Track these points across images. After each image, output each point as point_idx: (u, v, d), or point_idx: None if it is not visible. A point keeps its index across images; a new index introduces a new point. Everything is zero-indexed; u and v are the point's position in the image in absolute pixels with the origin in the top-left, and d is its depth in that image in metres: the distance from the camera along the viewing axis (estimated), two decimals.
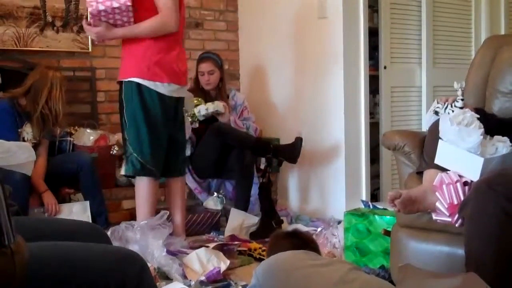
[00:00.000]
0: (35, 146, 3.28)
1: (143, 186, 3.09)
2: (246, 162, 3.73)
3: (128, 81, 2.99)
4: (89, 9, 2.92)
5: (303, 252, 1.90)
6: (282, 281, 1.72)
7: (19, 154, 1.58)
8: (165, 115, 3.06)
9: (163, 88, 2.99)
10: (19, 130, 3.31)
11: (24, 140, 3.28)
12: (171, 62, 3.01)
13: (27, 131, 3.33)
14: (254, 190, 3.86)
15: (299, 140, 3.82)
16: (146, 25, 2.92)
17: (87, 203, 3.42)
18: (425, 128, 2.52)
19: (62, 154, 3.58)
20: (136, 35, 2.95)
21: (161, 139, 3.06)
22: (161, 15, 2.90)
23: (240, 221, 3.57)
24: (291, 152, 3.80)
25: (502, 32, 4.72)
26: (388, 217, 2.85)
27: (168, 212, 3.16)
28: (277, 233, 2.18)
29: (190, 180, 3.89)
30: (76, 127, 3.77)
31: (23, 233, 1.14)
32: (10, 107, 3.29)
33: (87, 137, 3.69)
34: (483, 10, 4.65)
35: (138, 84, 2.97)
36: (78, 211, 3.38)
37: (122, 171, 3.15)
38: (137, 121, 3.00)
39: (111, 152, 3.71)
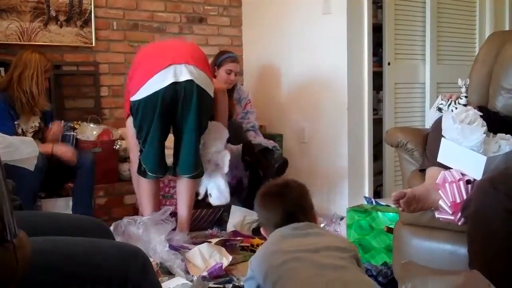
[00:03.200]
0: (37, 132, 3.33)
1: (141, 182, 3.22)
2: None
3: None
4: None
5: (292, 233, 1.77)
6: (271, 274, 1.70)
7: (21, 149, 1.58)
8: (153, 110, 3.06)
9: (146, 90, 3.03)
10: (16, 122, 3.26)
11: (22, 132, 3.26)
12: (149, 59, 3.09)
13: (23, 121, 3.31)
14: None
15: (281, 163, 3.83)
16: None
17: (70, 199, 3.40)
18: (428, 125, 2.52)
19: None
20: None
21: (149, 140, 3.12)
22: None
23: (242, 217, 3.57)
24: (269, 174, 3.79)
25: (507, 28, 4.71)
26: (391, 213, 2.85)
27: (171, 208, 3.18)
28: (264, 191, 1.93)
29: None
30: (80, 122, 3.77)
31: (25, 228, 1.14)
32: (1, 100, 3.24)
33: (91, 131, 3.69)
34: (488, 6, 4.64)
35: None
36: (61, 206, 3.37)
37: None
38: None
39: (114, 147, 3.71)
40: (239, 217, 3.57)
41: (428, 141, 2.35)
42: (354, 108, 3.93)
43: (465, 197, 1.98)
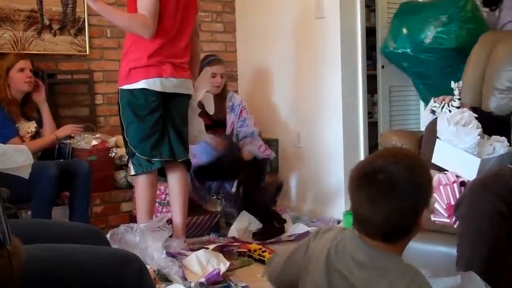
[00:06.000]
0: (34, 137, 3.39)
1: (139, 186, 3.15)
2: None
3: (120, 89, 3.08)
4: None
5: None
6: None
7: (15, 157, 1.57)
8: (152, 107, 3.04)
9: (142, 84, 3.00)
10: (16, 126, 3.30)
11: (21, 136, 3.30)
12: (152, 59, 3.01)
13: (20, 127, 3.33)
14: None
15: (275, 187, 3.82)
16: (127, 15, 3.03)
17: (67, 207, 3.40)
18: (423, 127, 2.53)
19: (62, 160, 3.55)
20: (113, 18, 3.02)
21: (151, 132, 3.05)
22: (144, 17, 2.92)
23: (246, 224, 3.58)
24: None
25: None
26: None
27: (167, 215, 3.18)
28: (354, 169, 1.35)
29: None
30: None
31: (21, 236, 1.14)
32: None
33: (86, 140, 3.68)
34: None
35: (124, 90, 3.06)
36: (59, 215, 3.36)
37: (132, 172, 3.14)
38: (130, 120, 3.07)
39: (109, 155, 3.70)
40: (244, 223, 3.58)
41: (423, 143, 2.36)
42: (349, 112, 3.94)
43: None
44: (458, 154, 2.05)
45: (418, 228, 1.30)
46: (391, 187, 1.24)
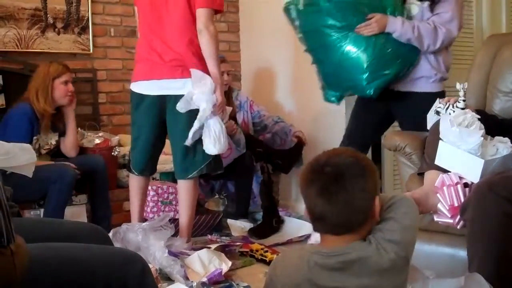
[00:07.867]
0: (52, 151, 3.40)
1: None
2: (245, 163, 3.73)
3: None
4: None
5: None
6: None
7: (19, 156, 1.57)
8: (138, 113, 3.06)
9: (133, 86, 3.07)
10: (35, 137, 3.24)
11: (39, 147, 3.27)
12: (138, 56, 3.05)
13: (42, 137, 3.30)
14: (257, 191, 3.85)
15: (298, 146, 3.82)
16: None
17: (83, 206, 3.42)
18: (427, 128, 2.51)
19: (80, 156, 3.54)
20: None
21: (138, 137, 3.11)
22: None
23: (240, 229, 3.60)
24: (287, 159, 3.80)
25: (503, 31, 4.71)
26: None
27: (170, 215, 3.18)
28: (304, 169, 1.43)
29: None
30: (78, 129, 3.77)
31: (24, 235, 1.14)
32: (32, 112, 3.22)
33: (89, 138, 3.69)
34: (484, 9, 4.64)
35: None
36: (74, 214, 3.37)
37: None
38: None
39: (112, 154, 3.70)
40: (239, 230, 3.59)
41: (426, 145, 2.35)
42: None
43: (462, 200, 1.98)
44: (461, 155, 2.04)
45: (375, 217, 1.37)
46: (340, 174, 1.33)
